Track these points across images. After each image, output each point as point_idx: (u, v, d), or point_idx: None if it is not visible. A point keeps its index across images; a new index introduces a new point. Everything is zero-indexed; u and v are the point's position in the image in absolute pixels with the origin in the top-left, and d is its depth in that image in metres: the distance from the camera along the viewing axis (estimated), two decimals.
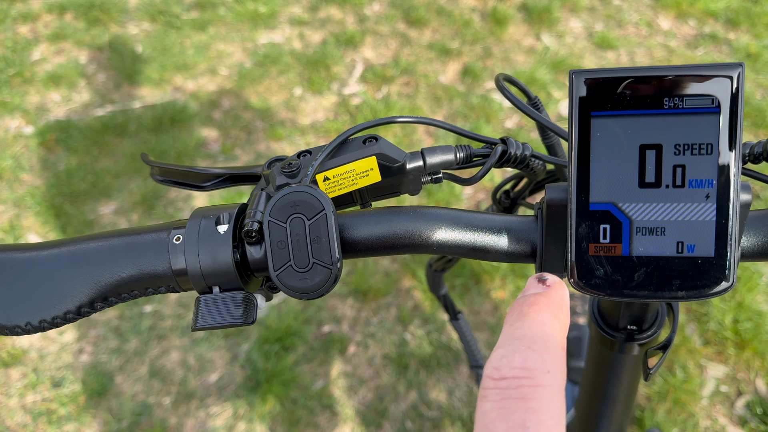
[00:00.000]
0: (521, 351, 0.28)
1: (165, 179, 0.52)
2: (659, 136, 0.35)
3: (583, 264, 0.37)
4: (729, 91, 0.34)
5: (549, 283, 0.33)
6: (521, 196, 0.59)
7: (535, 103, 0.51)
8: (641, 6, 2.81)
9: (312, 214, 0.39)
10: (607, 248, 0.36)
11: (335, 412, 1.60)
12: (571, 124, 0.36)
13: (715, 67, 0.34)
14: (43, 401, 1.65)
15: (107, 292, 0.42)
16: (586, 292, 0.37)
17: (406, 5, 2.85)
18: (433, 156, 0.45)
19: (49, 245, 0.43)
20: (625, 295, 0.37)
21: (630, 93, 0.35)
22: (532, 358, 0.28)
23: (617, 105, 0.35)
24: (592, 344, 0.56)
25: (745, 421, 1.53)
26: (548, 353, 0.29)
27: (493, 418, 0.26)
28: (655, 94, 0.35)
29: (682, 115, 0.34)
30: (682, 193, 0.35)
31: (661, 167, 0.35)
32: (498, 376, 0.28)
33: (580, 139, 0.36)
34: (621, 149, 0.35)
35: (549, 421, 0.26)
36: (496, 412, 0.26)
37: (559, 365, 0.29)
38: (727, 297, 1.74)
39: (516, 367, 0.28)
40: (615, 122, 0.35)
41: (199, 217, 0.42)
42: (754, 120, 2.26)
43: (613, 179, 0.36)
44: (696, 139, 0.34)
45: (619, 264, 0.36)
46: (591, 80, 0.35)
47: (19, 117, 2.44)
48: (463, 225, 0.42)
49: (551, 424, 0.26)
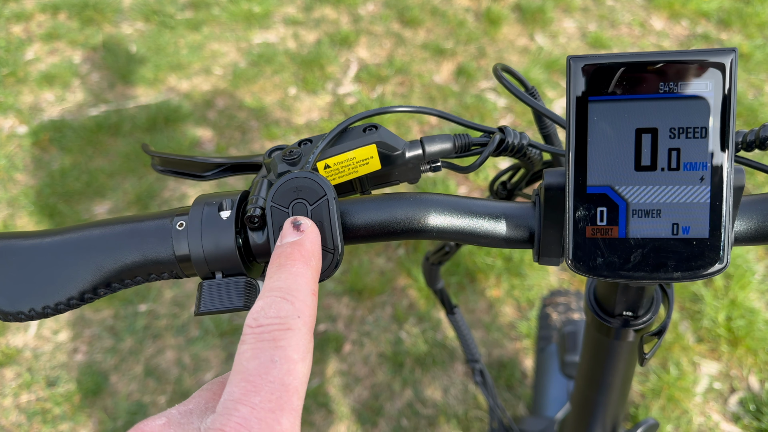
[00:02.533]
0: (277, 302, 0.33)
1: (165, 169, 0.53)
2: (655, 120, 0.36)
3: (581, 246, 0.38)
4: (722, 75, 0.35)
5: (303, 228, 0.38)
6: (518, 187, 0.60)
7: (532, 92, 0.51)
8: (634, 6, 2.83)
9: (314, 199, 0.40)
10: (604, 230, 0.37)
11: (331, 411, 1.60)
12: (569, 109, 0.37)
13: (709, 53, 0.35)
14: (37, 401, 1.65)
15: (111, 278, 0.42)
16: (583, 274, 0.38)
17: (401, 5, 2.86)
18: (432, 144, 0.46)
19: (52, 232, 0.44)
20: (621, 276, 0.37)
21: (626, 78, 0.36)
22: (285, 308, 0.33)
23: (614, 90, 0.36)
24: (588, 332, 0.57)
25: (738, 418, 1.54)
26: (300, 301, 0.34)
27: (248, 357, 0.31)
28: (650, 79, 0.35)
29: (677, 99, 0.35)
30: (677, 176, 0.36)
31: (657, 150, 0.36)
32: (255, 324, 0.32)
33: (577, 124, 0.37)
34: (617, 133, 0.36)
35: (295, 355, 0.31)
36: (251, 352, 0.31)
37: (308, 309, 0.34)
38: (720, 294, 1.75)
39: (271, 316, 0.32)
40: (611, 107, 0.36)
41: (202, 203, 0.42)
42: (747, 119, 2.28)
43: (609, 163, 0.36)
44: (690, 122, 0.35)
45: (615, 246, 0.37)
46: (588, 66, 0.36)
47: (13, 117, 2.44)
48: (462, 211, 0.42)
49: (296, 357, 0.31)
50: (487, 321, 1.75)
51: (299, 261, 0.36)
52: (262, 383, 0.30)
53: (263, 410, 0.29)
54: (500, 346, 1.70)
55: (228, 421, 0.28)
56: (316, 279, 0.37)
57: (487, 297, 1.81)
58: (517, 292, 1.81)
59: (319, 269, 0.38)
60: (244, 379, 0.30)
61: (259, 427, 0.28)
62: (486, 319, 1.76)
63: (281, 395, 0.29)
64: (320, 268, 0.38)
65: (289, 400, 0.30)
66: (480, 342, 1.71)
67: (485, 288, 1.83)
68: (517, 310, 1.78)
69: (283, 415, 0.29)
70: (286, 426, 0.29)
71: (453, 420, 1.57)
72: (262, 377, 0.30)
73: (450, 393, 1.62)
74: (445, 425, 1.57)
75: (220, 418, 0.29)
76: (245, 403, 0.29)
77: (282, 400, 0.29)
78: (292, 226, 0.38)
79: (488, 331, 1.73)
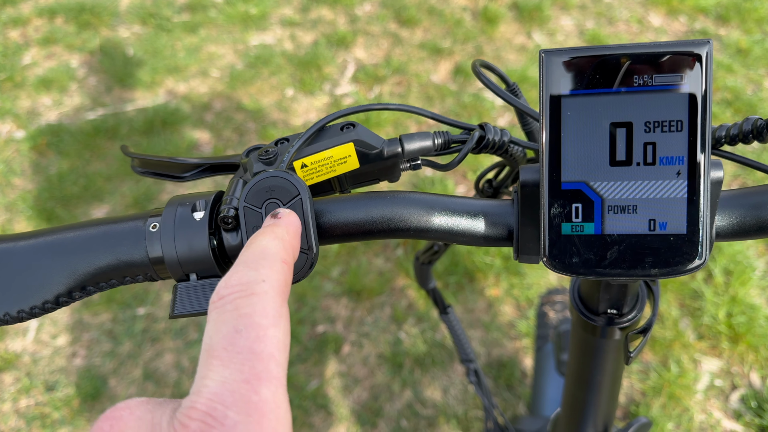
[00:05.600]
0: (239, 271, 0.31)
1: (145, 170, 0.52)
2: (629, 114, 0.35)
3: (556, 244, 0.37)
4: (698, 67, 0.34)
5: (280, 215, 0.37)
6: (504, 185, 0.59)
7: (513, 89, 0.51)
8: (632, 3, 2.82)
9: (287, 198, 0.39)
10: (579, 227, 0.36)
11: (330, 412, 1.60)
12: (542, 104, 0.36)
13: (684, 44, 0.34)
14: (36, 405, 1.65)
15: (85, 281, 0.42)
16: (559, 272, 0.37)
17: (397, 5, 2.85)
18: (411, 142, 0.45)
19: (26, 236, 0.43)
20: (598, 273, 0.37)
21: (600, 71, 0.35)
22: (247, 274, 0.31)
23: (587, 84, 0.35)
24: (575, 330, 0.56)
25: (739, 415, 1.53)
26: (264, 267, 0.31)
27: (211, 333, 0.28)
28: (624, 72, 0.35)
29: (652, 92, 0.34)
30: (653, 171, 0.35)
31: (632, 145, 0.35)
32: (216, 298, 0.30)
33: (551, 119, 0.36)
34: (592, 128, 0.35)
35: (262, 320, 0.29)
36: (213, 327, 0.29)
37: (276, 274, 0.31)
38: (721, 291, 1.74)
39: (231, 285, 0.30)
40: (585, 101, 0.35)
41: (176, 204, 0.42)
42: (745, 115, 2.27)
43: (584, 158, 0.36)
44: (666, 116, 0.34)
45: (591, 243, 0.36)
46: (561, 60, 0.35)
47: (10, 121, 2.44)
48: (439, 209, 0.42)
49: (265, 323, 0.28)
50: (487, 320, 1.75)
51: (269, 235, 0.34)
52: (229, 356, 0.27)
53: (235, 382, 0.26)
54: (500, 345, 1.70)
55: (198, 398, 0.26)
56: (289, 253, 0.34)
57: (486, 296, 1.80)
58: (517, 291, 1.80)
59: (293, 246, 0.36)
60: (210, 355, 0.28)
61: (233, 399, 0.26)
62: (485, 319, 1.75)
63: (254, 364, 0.27)
64: (296, 247, 0.36)
65: (265, 369, 0.27)
66: (479, 341, 1.71)
67: (484, 287, 1.82)
68: (517, 309, 1.77)
69: (261, 385, 0.26)
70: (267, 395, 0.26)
71: (453, 420, 1.57)
72: (227, 350, 0.27)
73: (450, 393, 1.62)
74: (444, 425, 1.56)
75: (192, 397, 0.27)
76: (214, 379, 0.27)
77: (256, 369, 0.27)
78: (271, 217, 0.37)
79: (488, 331, 1.72)
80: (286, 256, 0.34)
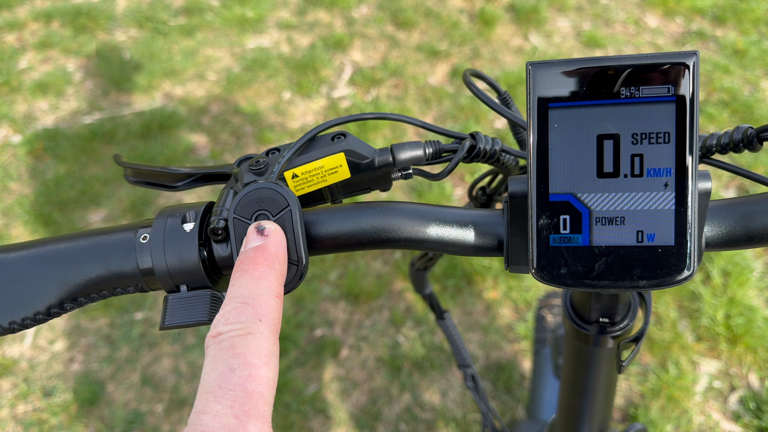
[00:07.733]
0: (237, 308, 0.32)
1: (138, 180, 0.52)
2: (616, 126, 0.35)
3: (545, 255, 0.37)
4: (685, 79, 0.34)
5: (267, 232, 0.37)
6: (497, 192, 0.59)
7: (505, 98, 0.50)
8: (628, 4, 2.82)
9: (277, 210, 0.39)
10: (567, 239, 0.36)
11: (328, 416, 1.60)
12: (530, 116, 0.36)
13: (670, 56, 0.34)
14: (34, 411, 1.64)
15: (76, 292, 0.42)
16: (548, 283, 0.37)
17: (394, 7, 2.85)
18: (402, 152, 0.45)
19: (17, 247, 0.43)
20: (586, 285, 0.37)
21: (586, 84, 0.35)
22: (245, 312, 0.32)
23: (574, 96, 0.35)
24: (568, 339, 0.56)
25: (738, 416, 1.53)
26: (261, 305, 0.33)
27: (208, 370, 0.30)
28: (611, 84, 0.35)
29: (639, 104, 0.34)
30: (641, 182, 0.35)
31: (619, 157, 0.35)
32: (215, 333, 0.32)
33: (539, 131, 0.36)
34: (579, 140, 0.35)
35: (255, 360, 0.30)
36: (210, 364, 0.31)
37: (271, 312, 0.33)
38: (719, 292, 1.74)
39: (230, 322, 0.32)
40: (572, 113, 0.35)
41: (166, 215, 0.42)
42: (743, 116, 2.27)
43: (572, 170, 0.36)
44: (653, 128, 0.34)
45: (579, 254, 0.36)
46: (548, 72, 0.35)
47: (7, 126, 2.44)
48: (429, 219, 0.42)
49: (258, 362, 0.30)
50: (485, 323, 1.74)
51: (262, 264, 0.35)
52: (222, 392, 0.29)
53: (226, 416, 0.29)
54: (498, 348, 1.70)
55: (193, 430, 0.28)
56: (281, 282, 0.36)
57: (484, 299, 1.80)
58: (515, 293, 1.80)
59: (285, 272, 0.37)
60: (205, 391, 0.30)
61: None
62: (483, 321, 1.75)
63: (244, 402, 0.29)
64: (285, 271, 0.37)
65: (254, 407, 0.29)
66: (478, 344, 1.71)
67: (482, 290, 1.82)
68: (515, 311, 1.77)
69: (249, 421, 0.29)
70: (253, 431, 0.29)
71: (452, 424, 1.57)
72: (221, 387, 0.30)
73: (448, 396, 1.62)
74: (443, 429, 1.56)
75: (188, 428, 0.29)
76: (207, 413, 0.29)
77: (246, 406, 0.29)
78: (256, 231, 0.38)
79: (486, 334, 1.72)
80: (279, 289, 0.35)
